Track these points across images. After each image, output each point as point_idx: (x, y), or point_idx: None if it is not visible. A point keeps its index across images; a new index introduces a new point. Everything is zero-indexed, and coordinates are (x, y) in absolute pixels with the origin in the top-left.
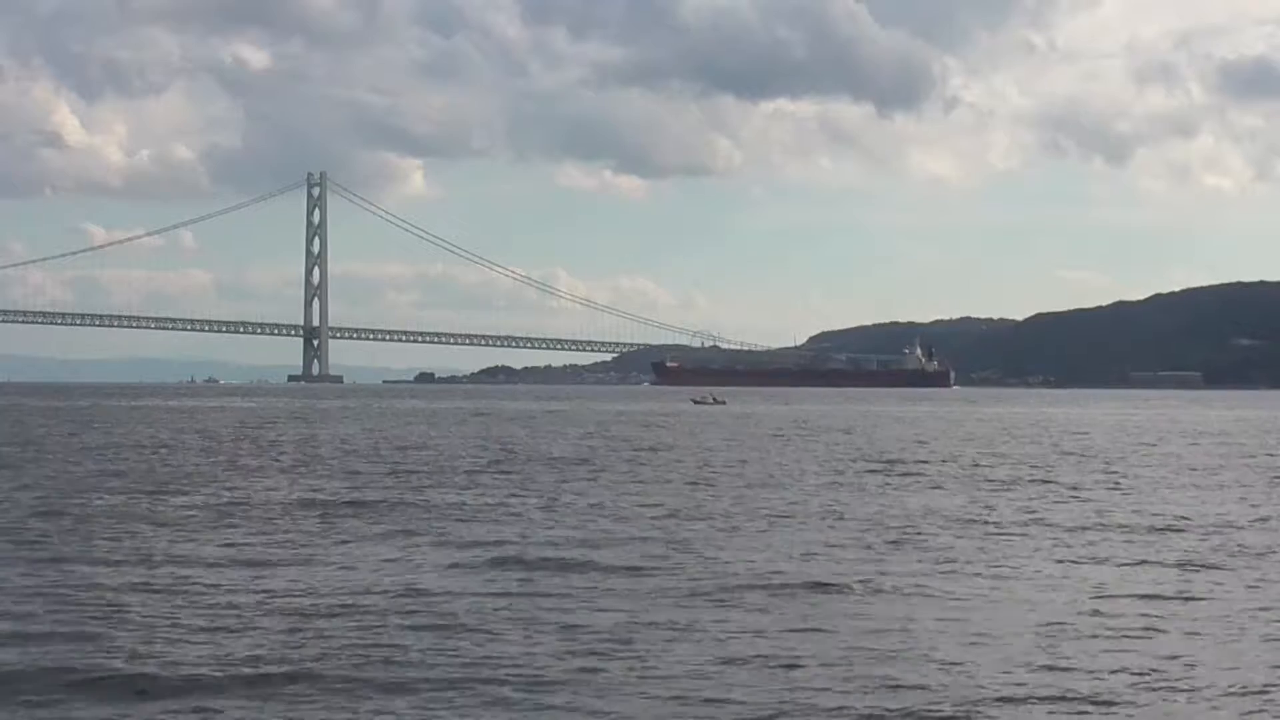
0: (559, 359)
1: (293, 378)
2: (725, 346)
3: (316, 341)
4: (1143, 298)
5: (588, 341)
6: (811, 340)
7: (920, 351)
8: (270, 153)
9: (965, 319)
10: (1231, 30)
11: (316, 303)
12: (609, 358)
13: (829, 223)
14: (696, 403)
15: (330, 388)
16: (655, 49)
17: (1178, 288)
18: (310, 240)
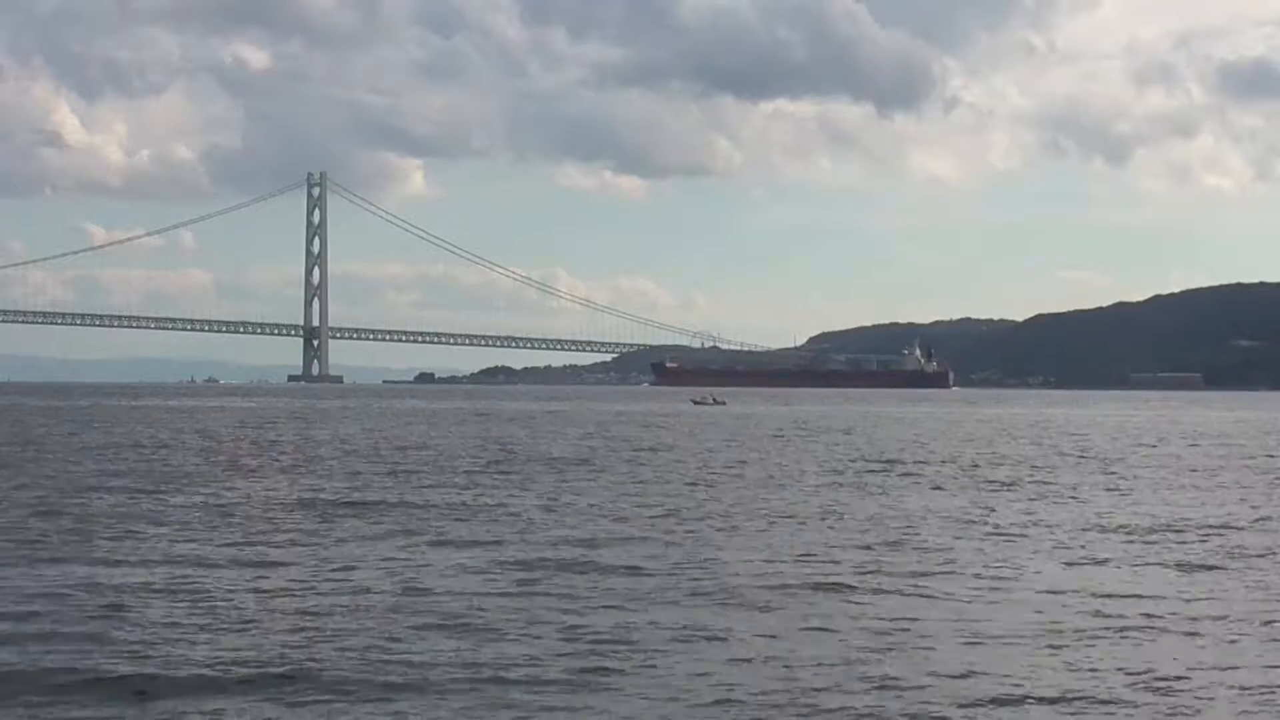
0: (559, 359)
1: (293, 378)
2: (725, 347)
3: (316, 341)
4: (1143, 298)
5: (588, 342)
6: (811, 341)
7: (920, 352)
8: (270, 153)
9: (965, 320)
10: (1231, 31)
11: (316, 303)
12: (609, 358)
13: (829, 223)
14: (696, 403)
15: (330, 388)
16: (655, 49)
17: (1178, 289)
18: (310, 240)
